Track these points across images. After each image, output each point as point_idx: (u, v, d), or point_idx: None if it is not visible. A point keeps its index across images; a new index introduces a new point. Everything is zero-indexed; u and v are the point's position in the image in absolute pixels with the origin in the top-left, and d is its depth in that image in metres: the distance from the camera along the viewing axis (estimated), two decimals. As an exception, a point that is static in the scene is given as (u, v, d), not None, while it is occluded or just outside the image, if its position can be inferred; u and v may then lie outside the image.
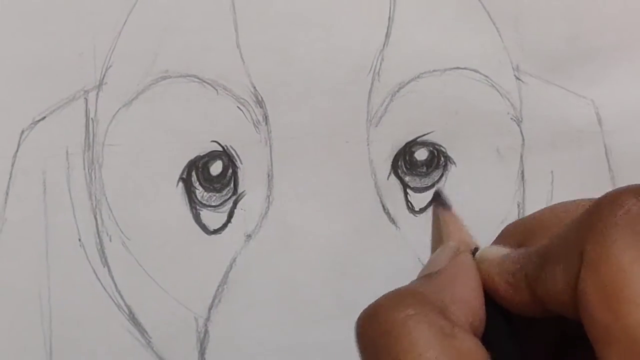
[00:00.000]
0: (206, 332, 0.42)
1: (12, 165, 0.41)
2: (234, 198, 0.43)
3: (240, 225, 0.43)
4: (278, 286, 0.43)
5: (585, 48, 0.45)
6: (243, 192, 0.43)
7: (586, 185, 0.45)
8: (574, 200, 0.31)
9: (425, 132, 0.44)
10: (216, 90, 0.42)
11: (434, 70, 0.44)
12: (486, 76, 0.45)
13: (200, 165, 0.43)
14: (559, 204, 0.32)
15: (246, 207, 0.43)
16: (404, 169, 0.44)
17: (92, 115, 0.42)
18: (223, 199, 0.43)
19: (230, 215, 0.43)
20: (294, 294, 0.43)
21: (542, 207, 0.34)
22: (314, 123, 0.43)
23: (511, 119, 0.45)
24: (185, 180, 0.42)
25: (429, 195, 0.44)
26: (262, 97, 0.43)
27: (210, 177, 0.43)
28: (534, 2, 0.45)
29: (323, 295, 0.43)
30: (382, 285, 0.43)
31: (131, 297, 0.42)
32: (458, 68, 0.44)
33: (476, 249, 0.39)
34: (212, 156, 0.43)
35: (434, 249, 0.39)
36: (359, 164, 0.44)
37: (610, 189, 0.45)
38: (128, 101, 0.42)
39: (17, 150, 0.41)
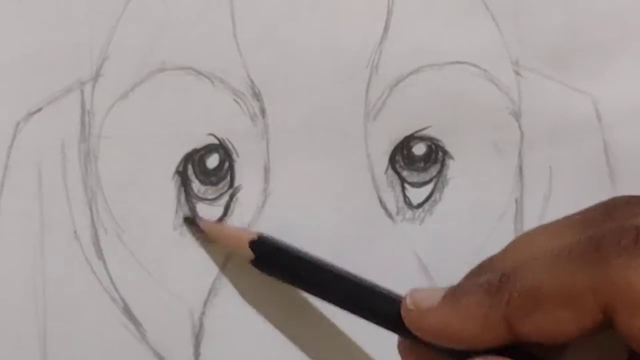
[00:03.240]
0: (201, 325, 0.42)
1: (7, 157, 0.41)
2: (230, 191, 0.43)
3: (236, 219, 0.43)
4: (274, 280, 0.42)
5: (584, 42, 0.45)
6: (239, 185, 0.43)
7: (585, 180, 0.45)
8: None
9: (424, 127, 0.44)
10: (213, 82, 0.42)
11: (432, 64, 0.44)
12: (485, 70, 0.44)
13: (196, 158, 0.42)
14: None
15: (243, 201, 0.43)
16: (402, 163, 0.44)
17: (87, 107, 0.42)
18: (219, 193, 0.43)
19: (227, 209, 0.43)
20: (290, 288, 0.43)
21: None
22: (312, 116, 0.43)
23: (510, 113, 0.45)
24: (182, 174, 0.42)
25: (426, 190, 0.44)
26: (259, 90, 0.43)
27: (207, 170, 0.43)
28: (533, -4, 0.45)
29: (319, 290, 0.43)
30: (378, 280, 0.43)
31: (126, 290, 0.42)
32: (457, 62, 0.44)
33: (258, 236, 0.41)
34: (208, 149, 0.42)
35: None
36: (356, 157, 0.44)
37: (609, 185, 0.45)
38: (124, 93, 0.42)
39: (12, 143, 0.41)
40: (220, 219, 0.43)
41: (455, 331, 0.35)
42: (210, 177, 0.43)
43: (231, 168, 0.43)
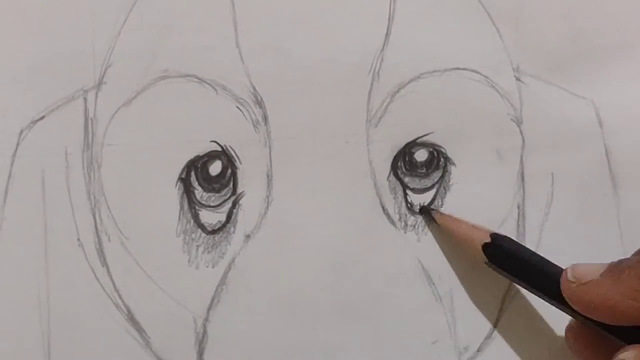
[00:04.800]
0: (205, 332, 0.42)
1: (11, 164, 0.41)
2: (233, 198, 0.43)
3: (239, 226, 0.43)
4: (277, 287, 0.43)
5: (585, 48, 0.45)
6: (242, 192, 0.43)
7: (586, 186, 0.45)
8: None
9: (425, 133, 0.44)
10: (215, 90, 0.42)
11: (433, 71, 0.44)
12: (486, 77, 0.44)
13: (199, 165, 0.42)
14: None
15: (245, 207, 0.43)
16: (404, 169, 0.44)
17: (91, 115, 0.42)
18: (222, 199, 0.43)
19: (230, 216, 0.43)
20: (293, 295, 0.43)
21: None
22: (314, 123, 0.43)
23: (511, 119, 0.45)
24: (185, 180, 0.42)
25: (428, 196, 0.44)
26: (261, 97, 0.43)
27: (210, 177, 0.43)
28: (534, 2, 0.45)
29: (322, 296, 0.43)
30: (381, 286, 0.43)
31: (130, 297, 0.42)
32: (458, 68, 0.44)
33: (494, 234, 0.42)
34: (211, 156, 0.43)
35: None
36: (358, 164, 0.44)
37: (611, 191, 0.45)
38: (127, 101, 0.42)
39: (15, 150, 0.41)
40: (224, 225, 0.43)
41: (615, 305, 0.35)
42: (213, 183, 0.43)
43: (234, 175, 0.43)
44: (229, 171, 0.43)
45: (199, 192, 0.43)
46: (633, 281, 0.35)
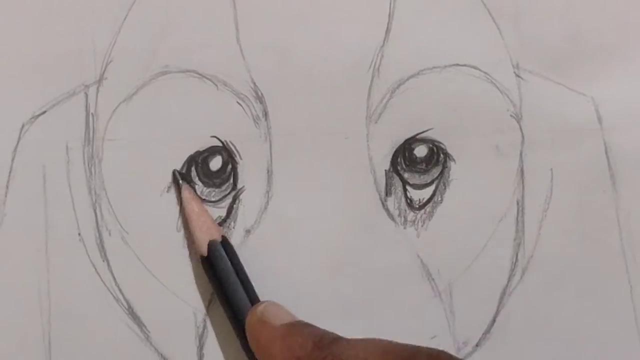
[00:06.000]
0: (205, 327, 0.42)
1: (12, 159, 0.41)
2: (233, 193, 0.43)
3: (239, 221, 0.43)
4: (277, 281, 0.43)
5: (585, 45, 0.45)
6: (242, 187, 0.43)
7: (586, 182, 0.45)
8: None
9: (425, 129, 0.44)
10: (216, 85, 0.43)
11: (433, 67, 0.44)
12: (486, 73, 0.45)
13: (199, 160, 0.43)
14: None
15: (245, 203, 0.43)
16: (404, 165, 0.44)
17: (92, 110, 0.42)
18: (222, 195, 0.43)
19: (230, 211, 0.43)
20: (293, 290, 0.43)
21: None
22: (314, 119, 0.43)
23: (511, 116, 0.45)
24: (185, 176, 0.42)
25: (428, 191, 0.44)
26: (261, 93, 0.43)
27: (210, 172, 0.43)
28: (534, -1, 0.45)
29: (322, 291, 0.43)
30: (380, 282, 0.43)
31: (130, 292, 0.42)
32: (458, 65, 0.44)
33: (223, 238, 0.41)
34: (211, 151, 0.43)
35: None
36: (358, 160, 0.44)
37: (610, 187, 0.45)
38: (128, 96, 0.42)
39: (17, 145, 0.41)
40: (224, 220, 0.43)
41: (266, 350, 0.38)
42: (213, 179, 0.43)
43: (234, 170, 0.43)
44: (230, 166, 0.43)
45: (199, 188, 0.43)
46: (297, 347, 0.37)
